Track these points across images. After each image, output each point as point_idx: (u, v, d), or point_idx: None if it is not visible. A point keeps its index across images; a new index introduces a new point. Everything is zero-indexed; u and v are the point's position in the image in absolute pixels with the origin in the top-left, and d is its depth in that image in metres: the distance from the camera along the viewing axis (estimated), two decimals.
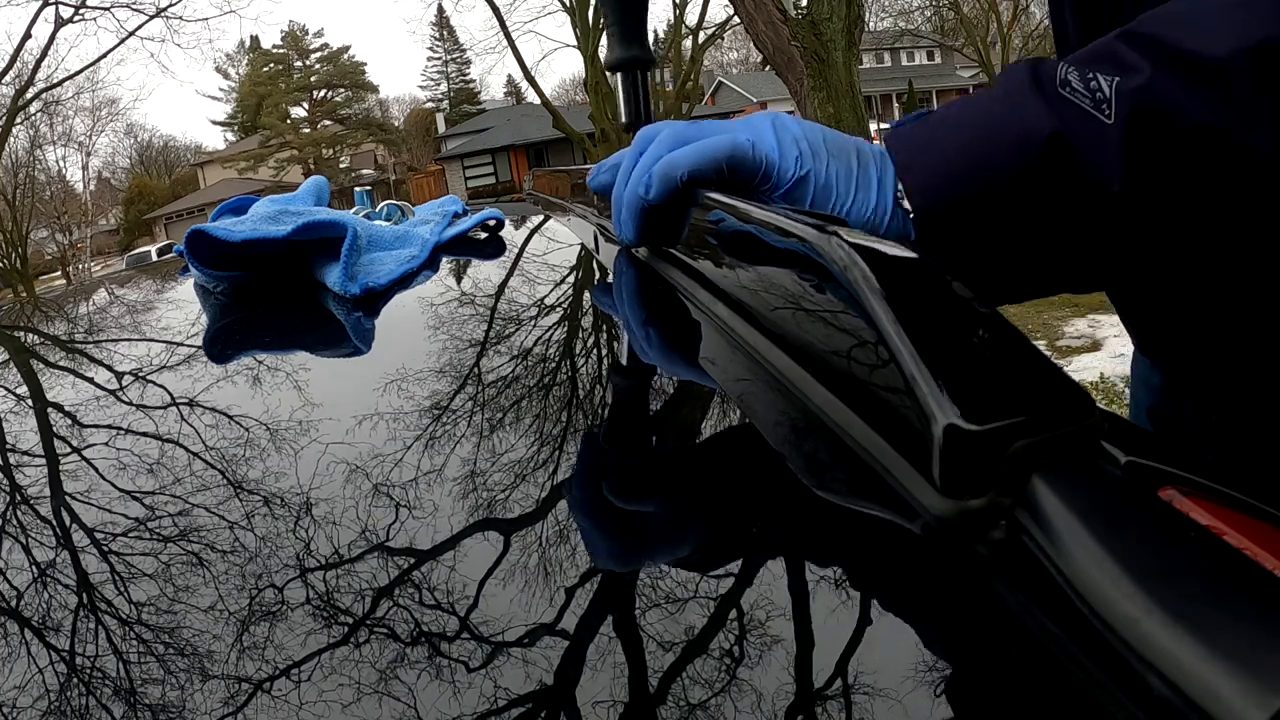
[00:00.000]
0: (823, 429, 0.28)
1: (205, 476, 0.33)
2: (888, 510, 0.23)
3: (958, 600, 0.21)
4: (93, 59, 23.77)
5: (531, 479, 0.30)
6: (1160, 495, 0.21)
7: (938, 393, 0.21)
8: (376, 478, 0.31)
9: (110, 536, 0.29)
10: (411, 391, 0.39)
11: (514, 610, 0.22)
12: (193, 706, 0.21)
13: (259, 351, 0.49)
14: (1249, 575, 0.16)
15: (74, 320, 0.70)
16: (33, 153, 17.71)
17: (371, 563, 0.25)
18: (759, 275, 0.36)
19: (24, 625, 0.25)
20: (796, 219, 0.31)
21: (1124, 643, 0.16)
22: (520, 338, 0.47)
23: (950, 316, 0.25)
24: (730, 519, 0.27)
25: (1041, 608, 0.19)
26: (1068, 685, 0.17)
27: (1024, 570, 0.20)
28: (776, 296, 0.34)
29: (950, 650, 0.19)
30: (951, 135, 0.40)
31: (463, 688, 0.20)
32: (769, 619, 0.21)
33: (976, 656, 0.19)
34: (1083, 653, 0.17)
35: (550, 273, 0.62)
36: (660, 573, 0.24)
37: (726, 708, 0.19)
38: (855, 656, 0.20)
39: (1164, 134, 0.35)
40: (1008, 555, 0.20)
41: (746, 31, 5.53)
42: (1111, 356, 3.52)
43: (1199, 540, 0.18)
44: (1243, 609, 0.16)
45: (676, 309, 0.45)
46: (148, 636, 0.23)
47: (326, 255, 0.59)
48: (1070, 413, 0.21)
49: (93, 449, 0.38)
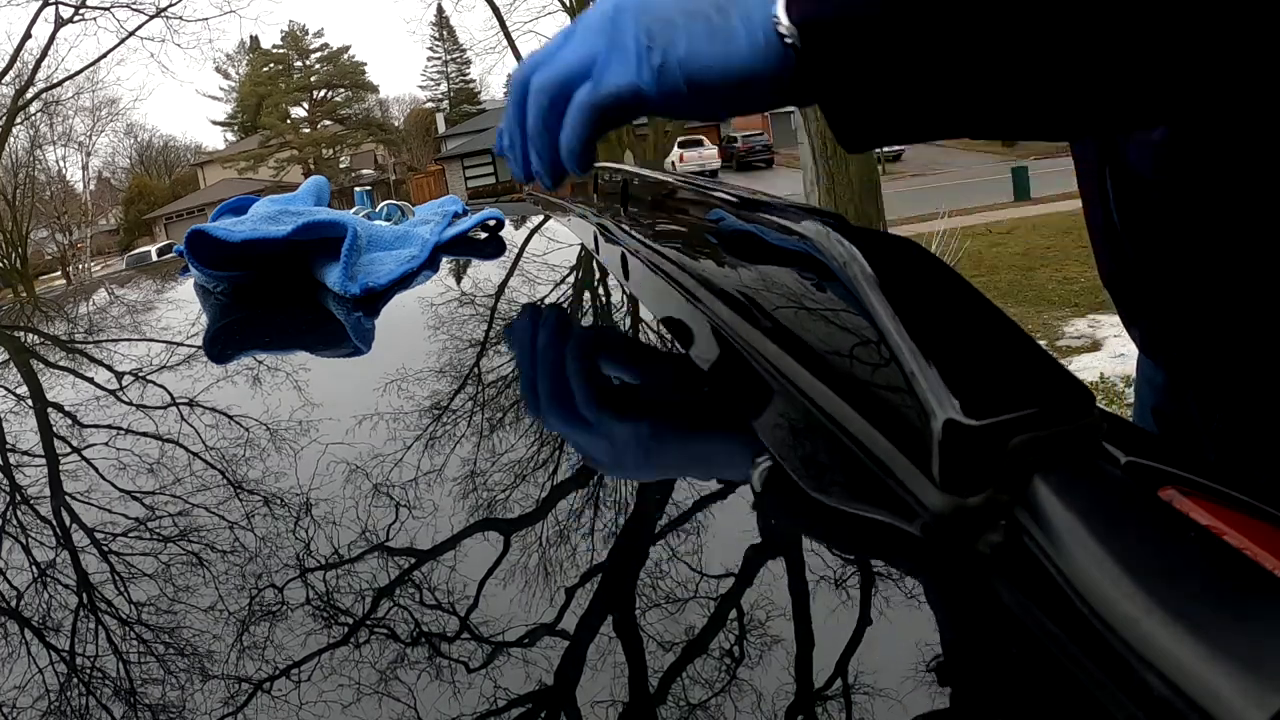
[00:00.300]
0: (821, 425, 0.28)
1: (205, 476, 0.33)
2: (887, 507, 0.23)
3: (957, 598, 0.21)
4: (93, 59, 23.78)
5: (532, 479, 0.30)
6: (1160, 495, 0.21)
7: (937, 388, 0.21)
8: (376, 477, 0.31)
9: (110, 536, 0.29)
10: (411, 391, 0.39)
11: (514, 610, 0.22)
12: (193, 706, 0.20)
13: (259, 351, 0.49)
14: (1249, 575, 0.16)
15: (74, 320, 0.70)
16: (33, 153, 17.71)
17: (372, 563, 0.25)
18: (758, 272, 0.36)
19: (24, 625, 0.25)
20: (796, 216, 0.31)
21: (1124, 642, 0.16)
22: (520, 338, 0.47)
23: (950, 311, 0.25)
24: (729, 517, 0.26)
25: (1041, 606, 0.19)
26: (1067, 685, 0.17)
27: (1023, 568, 0.20)
28: (776, 293, 0.34)
29: (949, 649, 0.19)
30: None
31: (463, 688, 0.20)
32: (768, 618, 0.21)
33: (975, 655, 0.19)
34: (1082, 652, 0.17)
35: (550, 273, 0.62)
36: (660, 573, 0.24)
37: (726, 708, 0.19)
38: (854, 655, 0.20)
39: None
40: (1007, 553, 0.20)
41: None
42: (1111, 356, 3.52)
43: (1199, 540, 0.18)
44: (1243, 609, 0.16)
45: (675, 307, 0.45)
46: (148, 636, 0.23)
47: (326, 255, 0.59)
48: (1071, 408, 0.21)
49: (93, 449, 0.38)
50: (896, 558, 0.23)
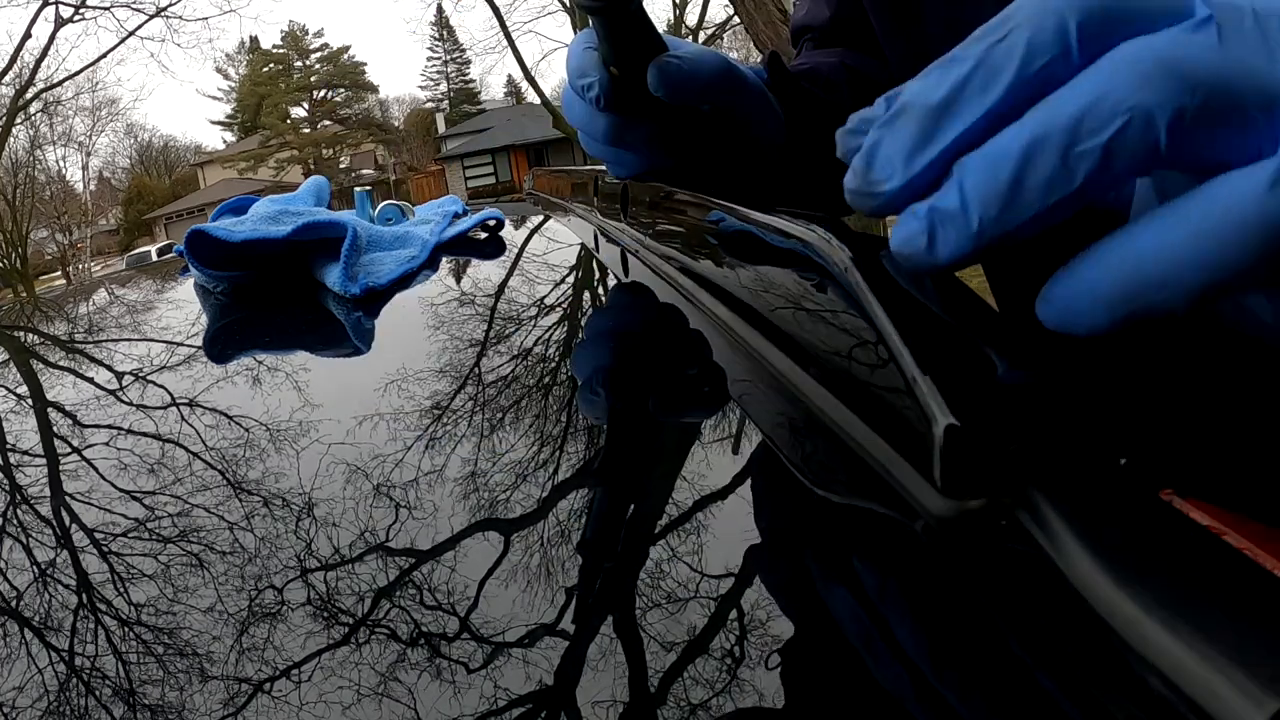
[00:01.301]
0: (822, 429, 0.28)
1: (205, 477, 0.33)
2: (888, 510, 0.23)
3: (957, 600, 0.21)
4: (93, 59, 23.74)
5: (532, 479, 0.30)
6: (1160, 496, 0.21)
7: (938, 392, 0.21)
8: (377, 478, 0.31)
9: (110, 536, 0.29)
10: (412, 391, 0.39)
11: (514, 610, 0.22)
12: (193, 707, 0.21)
13: (259, 351, 0.49)
14: (1249, 575, 0.16)
15: (74, 320, 0.70)
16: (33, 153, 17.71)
17: (372, 563, 0.26)
18: (758, 275, 0.36)
19: (24, 625, 0.25)
20: (795, 219, 0.31)
21: (1124, 643, 0.16)
22: (520, 338, 0.47)
23: (950, 314, 0.25)
24: (729, 518, 0.27)
25: (1041, 607, 0.19)
26: (1067, 685, 0.17)
27: (1023, 570, 0.20)
28: (775, 295, 0.34)
29: (949, 650, 0.19)
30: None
31: (463, 688, 0.20)
32: (769, 619, 0.21)
33: (975, 656, 0.19)
34: (1082, 652, 0.17)
35: (550, 273, 0.62)
36: (660, 573, 0.24)
37: (727, 708, 0.19)
38: (854, 656, 0.20)
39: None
40: (1007, 555, 0.20)
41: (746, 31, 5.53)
42: None
43: (1199, 540, 0.18)
44: (1243, 609, 0.16)
45: (677, 309, 0.45)
46: (148, 637, 0.23)
47: (326, 255, 0.59)
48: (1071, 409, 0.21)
49: (93, 449, 0.38)
50: (897, 558, 0.23)
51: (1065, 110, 0.19)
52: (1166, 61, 0.18)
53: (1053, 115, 0.19)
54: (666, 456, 0.32)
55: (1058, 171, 0.19)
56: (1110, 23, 0.19)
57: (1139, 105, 0.18)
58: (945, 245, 0.21)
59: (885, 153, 0.22)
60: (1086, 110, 0.19)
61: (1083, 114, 0.19)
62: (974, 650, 0.19)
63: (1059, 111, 0.19)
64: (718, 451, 0.31)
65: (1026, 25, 0.20)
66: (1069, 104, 0.19)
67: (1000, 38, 0.20)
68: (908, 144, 0.21)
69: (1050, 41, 0.19)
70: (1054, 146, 0.19)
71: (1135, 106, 0.18)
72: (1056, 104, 0.19)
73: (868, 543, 0.24)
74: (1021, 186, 0.19)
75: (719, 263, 0.41)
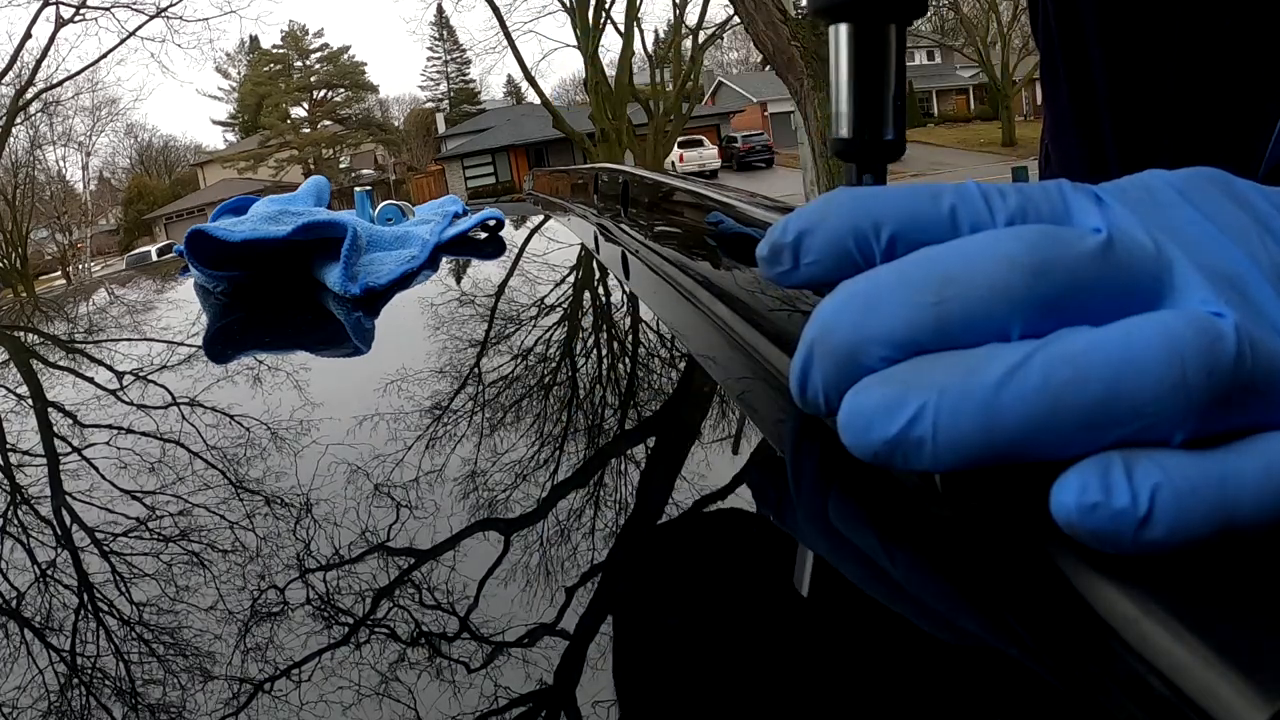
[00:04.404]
0: (822, 429, 0.28)
1: (205, 476, 0.33)
2: (887, 511, 0.23)
3: (957, 600, 0.21)
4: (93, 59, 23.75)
5: (532, 479, 0.30)
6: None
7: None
8: (377, 478, 0.31)
9: (110, 536, 0.29)
10: (412, 391, 0.39)
11: (514, 610, 0.22)
12: (193, 707, 0.21)
13: (259, 351, 0.49)
14: (1249, 575, 0.17)
15: (74, 320, 0.70)
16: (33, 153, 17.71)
17: (372, 563, 0.26)
18: (757, 275, 0.36)
19: (24, 625, 0.25)
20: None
21: (1124, 643, 0.16)
22: (520, 338, 0.47)
23: None
24: (729, 518, 0.27)
25: (1040, 607, 0.19)
26: (1066, 684, 0.17)
27: (1023, 569, 0.20)
28: (774, 294, 0.34)
29: (949, 650, 0.19)
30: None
31: (463, 688, 0.20)
32: (769, 620, 0.21)
33: (975, 656, 0.19)
34: (1082, 652, 0.17)
35: (550, 273, 0.62)
36: (660, 573, 0.24)
37: (726, 706, 0.19)
38: (854, 655, 0.20)
39: None
40: (1007, 554, 0.20)
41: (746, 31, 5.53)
42: None
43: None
44: (1243, 609, 0.16)
45: (675, 307, 0.45)
46: (148, 636, 0.23)
47: (326, 255, 0.59)
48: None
49: (93, 449, 0.38)
50: (897, 560, 0.23)
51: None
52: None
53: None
54: (666, 456, 0.32)
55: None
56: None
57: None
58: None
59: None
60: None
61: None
62: (974, 650, 0.19)
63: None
64: (716, 451, 0.31)
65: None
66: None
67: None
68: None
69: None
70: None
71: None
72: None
73: (867, 542, 0.24)
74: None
75: (718, 263, 0.41)
